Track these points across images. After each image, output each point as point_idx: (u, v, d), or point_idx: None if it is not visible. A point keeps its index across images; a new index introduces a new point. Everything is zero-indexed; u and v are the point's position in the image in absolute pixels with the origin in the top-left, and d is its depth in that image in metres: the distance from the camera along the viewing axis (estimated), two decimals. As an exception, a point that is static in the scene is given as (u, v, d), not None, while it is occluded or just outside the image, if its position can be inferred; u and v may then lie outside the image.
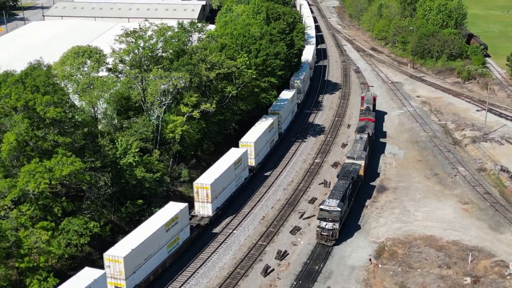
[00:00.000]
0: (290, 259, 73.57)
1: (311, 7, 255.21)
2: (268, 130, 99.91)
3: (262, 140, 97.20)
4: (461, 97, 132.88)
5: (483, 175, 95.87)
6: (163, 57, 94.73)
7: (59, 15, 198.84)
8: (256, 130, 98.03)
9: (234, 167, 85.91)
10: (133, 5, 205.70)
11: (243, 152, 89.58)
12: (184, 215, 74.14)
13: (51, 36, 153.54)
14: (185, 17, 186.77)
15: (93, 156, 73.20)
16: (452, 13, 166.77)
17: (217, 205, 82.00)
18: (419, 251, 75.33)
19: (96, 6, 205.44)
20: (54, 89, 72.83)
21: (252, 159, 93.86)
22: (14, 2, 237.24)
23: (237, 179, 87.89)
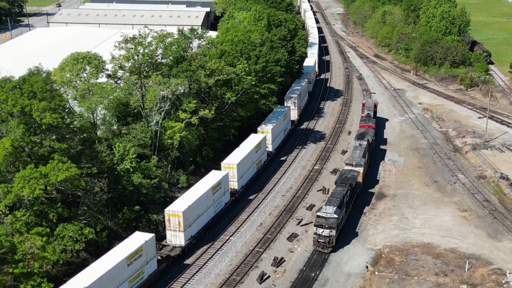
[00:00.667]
0: (286, 266, 73.38)
1: (316, 13, 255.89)
2: (255, 150, 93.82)
3: (247, 161, 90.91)
4: (463, 104, 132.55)
5: (483, 183, 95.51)
6: (163, 64, 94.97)
7: (64, 21, 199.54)
8: (241, 150, 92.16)
9: (212, 192, 79.65)
10: (137, 12, 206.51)
11: (223, 175, 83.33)
12: (150, 247, 67.82)
13: (55, 42, 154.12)
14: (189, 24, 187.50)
15: (90, 162, 73.33)
16: (455, 20, 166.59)
17: (191, 233, 75.63)
18: (416, 259, 75.03)
19: (100, 13, 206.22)
20: (51, 95, 72.84)
21: (235, 182, 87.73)
22: (20, 8, 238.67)
23: (215, 205, 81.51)
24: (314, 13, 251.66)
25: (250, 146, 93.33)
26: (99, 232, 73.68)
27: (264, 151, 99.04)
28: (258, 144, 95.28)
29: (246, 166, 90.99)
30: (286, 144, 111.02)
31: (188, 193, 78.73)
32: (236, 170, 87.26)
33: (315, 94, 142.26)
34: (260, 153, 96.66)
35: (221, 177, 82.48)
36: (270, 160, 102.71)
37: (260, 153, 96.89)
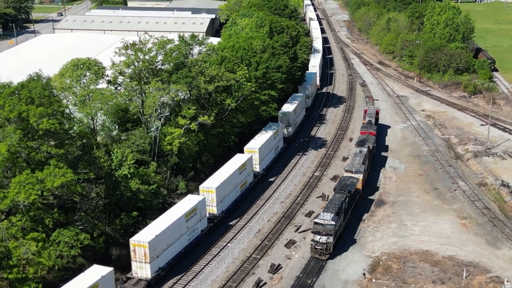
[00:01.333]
0: (283, 272, 73.16)
1: (322, 20, 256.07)
2: (238, 171, 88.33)
3: (229, 183, 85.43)
4: (466, 111, 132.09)
5: (483, 190, 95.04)
6: (163, 70, 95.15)
7: (69, 28, 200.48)
8: (222, 172, 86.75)
9: (185, 218, 74.38)
10: (142, 18, 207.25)
11: (199, 200, 77.93)
12: (108, 282, 64.03)
13: (59, 48, 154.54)
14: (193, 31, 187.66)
15: (87, 167, 73.45)
16: (460, 27, 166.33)
17: (159, 265, 70.33)
18: (414, 266, 74.67)
19: (105, 19, 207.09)
20: (49, 100, 72.99)
21: (213, 207, 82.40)
22: (27, 15, 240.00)
23: (190, 232, 75.80)
24: (320, 20, 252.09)
25: (233, 168, 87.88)
26: (96, 237, 73.80)
27: (250, 172, 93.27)
28: (243, 165, 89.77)
29: (228, 189, 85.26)
30: (277, 163, 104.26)
31: (160, 219, 73.39)
32: (215, 194, 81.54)
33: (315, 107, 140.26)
34: (245, 174, 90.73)
35: (196, 202, 76.94)
36: (257, 181, 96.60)
37: (245, 175, 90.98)
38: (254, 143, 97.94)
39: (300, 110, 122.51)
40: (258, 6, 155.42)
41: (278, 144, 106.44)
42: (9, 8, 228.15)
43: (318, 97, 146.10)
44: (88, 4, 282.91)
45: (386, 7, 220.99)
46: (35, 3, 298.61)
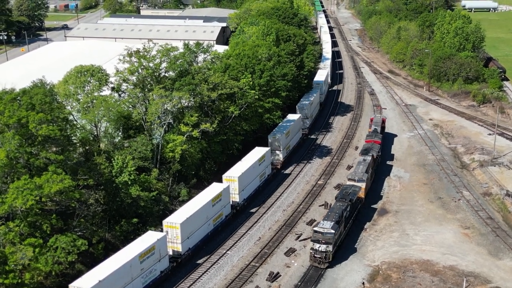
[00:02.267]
0: (281, 281, 72.83)
1: (333, 29, 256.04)
2: (211, 203, 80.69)
3: (198, 217, 77.87)
4: (474, 121, 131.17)
5: (488, 200, 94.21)
6: (167, 77, 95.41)
7: (81, 36, 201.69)
8: (193, 205, 79.27)
9: (139, 260, 67.16)
10: (154, 26, 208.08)
11: (159, 238, 70.39)
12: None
13: (68, 56, 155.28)
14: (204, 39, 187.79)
15: (87, 174, 73.70)
16: (470, 36, 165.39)
17: None
18: (413, 276, 74.08)
19: (117, 27, 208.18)
20: (50, 107, 73.51)
21: (178, 244, 74.85)
22: (40, 23, 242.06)
23: (146, 275, 68.51)
24: (330, 29, 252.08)
25: (205, 200, 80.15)
26: (95, 244, 74.13)
27: (227, 203, 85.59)
28: (217, 196, 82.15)
29: (197, 224, 77.77)
30: (262, 192, 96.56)
31: (107, 262, 66.31)
32: (179, 230, 74.22)
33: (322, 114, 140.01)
34: (220, 206, 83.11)
35: (155, 241, 69.67)
36: (236, 213, 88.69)
37: (220, 206, 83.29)
38: (234, 171, 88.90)
39: (295, 134, 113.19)
40: (267, 15, 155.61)
41: (265, 171, 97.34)
42: (22, 16, 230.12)
43: (326, 104, 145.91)
44: (102, 13, 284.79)
45: (398, 15, 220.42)
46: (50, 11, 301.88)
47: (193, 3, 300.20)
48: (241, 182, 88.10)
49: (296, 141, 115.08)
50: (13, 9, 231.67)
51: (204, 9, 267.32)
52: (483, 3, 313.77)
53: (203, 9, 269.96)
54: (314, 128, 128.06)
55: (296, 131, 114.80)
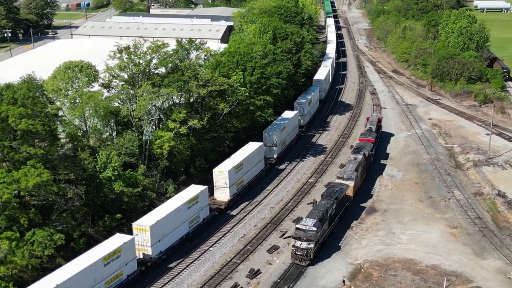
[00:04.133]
0: (261, 278, 72.50)
1: (342, 29, 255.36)
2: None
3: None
4: (473, 121, 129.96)
5: (479, 200, 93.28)
6: (158, 74, 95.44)
7: (87, 34, 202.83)
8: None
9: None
10: (160, 25, 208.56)
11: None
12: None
13: (72, 53, 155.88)
14: (209, 37, 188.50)
15: (68, 168, 73.85)
16: (474, 36, 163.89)
17: None
18: (395, 274, 73.43)
19: (123, 26, 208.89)
20: (33, 102, 73.80)
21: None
22: (49, 21, 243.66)
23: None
24: (339, 28, 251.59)
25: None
26: (77, 239, 74.27)
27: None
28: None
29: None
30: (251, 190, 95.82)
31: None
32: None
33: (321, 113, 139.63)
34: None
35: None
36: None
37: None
38: (146, 218, 75.09)
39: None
40: (269, 13, 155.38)
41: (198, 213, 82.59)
42: (31, 14, 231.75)
43: (326, 103, 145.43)
44: (112, 12, 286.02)
45: (406, 15, 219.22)
46: (61, 10, 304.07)
47: (203, 2, 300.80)
48: (154, 234, 73.55)
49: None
50: (22, 7, 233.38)
51: (213, 8, 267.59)
52: (496, 4, 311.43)
53: (212, 8, 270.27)
54: (311, 126, 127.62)
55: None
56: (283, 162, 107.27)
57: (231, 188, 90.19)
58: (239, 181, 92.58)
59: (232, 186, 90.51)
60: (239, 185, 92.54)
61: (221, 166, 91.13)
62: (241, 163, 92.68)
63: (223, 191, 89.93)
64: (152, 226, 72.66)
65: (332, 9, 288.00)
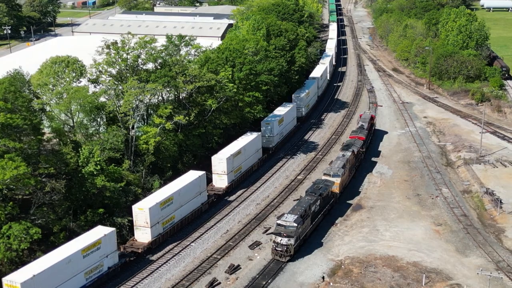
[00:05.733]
0: (240, 273, 72.27)
1: (346, 28, 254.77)
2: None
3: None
4: (468, 119, 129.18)
5: (466, 197, 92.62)
6: (146, 69, 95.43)
7: (88, 31, 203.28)
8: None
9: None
10: (161, 23, 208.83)
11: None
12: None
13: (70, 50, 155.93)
14: (209, 35, 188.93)
15: (49, 162, 73.85)
16: (473, 34, 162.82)
17: None
18: (375, 271, 72.97)
19: (125, 23, 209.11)
20: (15, 96, 74.06)
21: None
22: (52, 19, 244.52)
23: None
24: (343, 27, 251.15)
25: None
26: (57, 233, 74.31)
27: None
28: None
29: None
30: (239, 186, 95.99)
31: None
32: None
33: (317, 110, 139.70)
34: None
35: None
36: None
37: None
38: None
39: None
40: (266, 11, 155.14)
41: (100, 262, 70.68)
42: (34, 11, 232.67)
43: (322, 101, 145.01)
44: (117, 10, 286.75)
45: (409, 13, 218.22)
46: (67, 8, 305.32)
47: (208, 1, 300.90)
48: None
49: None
50: (25, 4, 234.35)
51: (217, 7, 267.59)
52: (502, 3, 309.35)
53: (216, 6, 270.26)
54: (305, 124, 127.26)
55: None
56: (274, 158, 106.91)
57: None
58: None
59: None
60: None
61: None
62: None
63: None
64: (25, 283, 59.55)
65: (337, 8, 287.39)
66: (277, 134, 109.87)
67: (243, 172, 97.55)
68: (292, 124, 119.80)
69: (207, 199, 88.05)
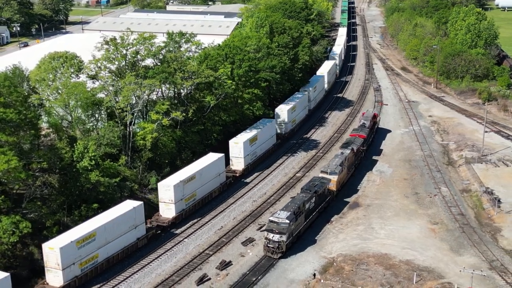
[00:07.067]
0: (231, 269, 72.10)
1: (358, 27, 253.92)
2: None
3: None
4: (473, 118, 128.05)
5: (465, 196, 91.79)
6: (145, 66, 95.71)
7: (98, 29, 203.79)
8: None
9: None
10: (171, 21, 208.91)
11: None
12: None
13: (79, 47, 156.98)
14: (219, 33, 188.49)
15: (42, 157, 74.23)
16: (482, 33, 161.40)
17: None
18: (366, 269, 72.50)
19: (135, 21, 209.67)
20: (9, 90, 74.50)
21: None
22: (65, 17, 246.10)
23: None
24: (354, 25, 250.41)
25: None
26: (50, 227, 74.64)
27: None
28: None
29: None
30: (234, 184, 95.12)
31: None
32: None
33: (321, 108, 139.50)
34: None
35: None
36: None
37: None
38: None
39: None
40: (273, 9, 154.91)
41: None
42: (46, 9, 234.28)
43: (327, 99, 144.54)
44: (130, 9, 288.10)
45: (421, 12, 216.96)
46: (81, 6, 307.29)
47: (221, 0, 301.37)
48: None
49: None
50: (38, 2, 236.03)
51: (229, 6, 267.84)
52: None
53: (228, 5, 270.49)
54: (308, 121, 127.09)
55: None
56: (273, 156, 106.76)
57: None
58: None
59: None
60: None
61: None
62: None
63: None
64: None
65: (350, 8, 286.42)
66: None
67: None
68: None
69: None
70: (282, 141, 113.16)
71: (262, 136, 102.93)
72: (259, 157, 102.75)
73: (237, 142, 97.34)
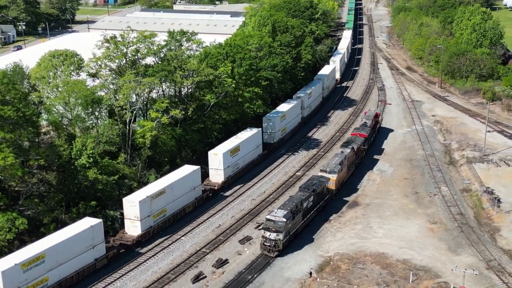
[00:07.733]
0: (227, 268, 72.09)
1: (364, 26, 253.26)
2: None
3: None
4: (477, 118, 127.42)
5: (465, 196, 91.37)
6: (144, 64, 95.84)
7: (103, 28, 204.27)
8: None
9: None
10: (176, 20, 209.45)
11: None
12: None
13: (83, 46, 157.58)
14: (223, 33, 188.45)
15: (40, 154, 74.42)
16: (487, 33, 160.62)
17: None
18: (363, 268, 72.30)
19: (141, 20, 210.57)
20: (7, 88, 74.74)
21: None
22: (71, 16, 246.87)
23: None
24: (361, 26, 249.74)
25: None
26: (47, 224, 74.90)
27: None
28: None
29: None
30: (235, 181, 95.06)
31: None
32: None
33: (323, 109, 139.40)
34: None
35: None
36: None
37: None
38: None
39: None
40: (277, 8, 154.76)
41: None
42: (53, 8, 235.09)
43: (330, 98, 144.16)
44: (137, 8, 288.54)
45: (427, 12, 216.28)
46: (89, 5, 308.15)
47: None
48: None
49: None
50: (45, 1, 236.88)
51: (236, 5, 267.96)
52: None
53: (235, 4, 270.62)
54: (310, 121, 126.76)
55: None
56: (275, 154, 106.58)
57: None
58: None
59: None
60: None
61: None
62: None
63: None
64: None
65: (357, 8, 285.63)
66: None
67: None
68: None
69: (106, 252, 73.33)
70: (269, 151, 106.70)
71: (245, 146, 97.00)
72: (242, 169, 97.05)
73: (216, 153, 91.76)
